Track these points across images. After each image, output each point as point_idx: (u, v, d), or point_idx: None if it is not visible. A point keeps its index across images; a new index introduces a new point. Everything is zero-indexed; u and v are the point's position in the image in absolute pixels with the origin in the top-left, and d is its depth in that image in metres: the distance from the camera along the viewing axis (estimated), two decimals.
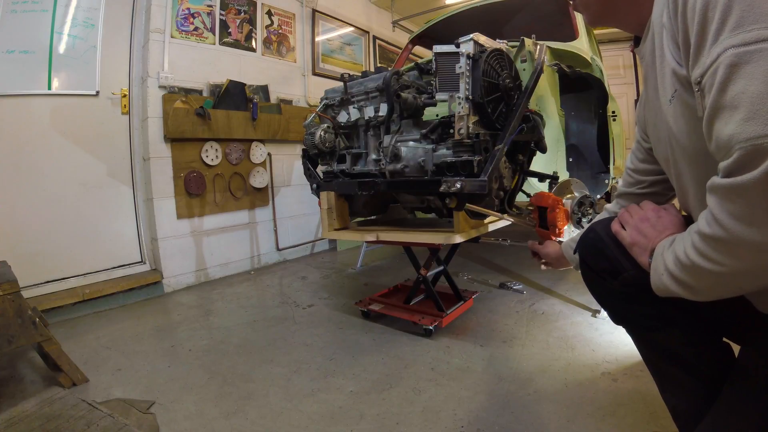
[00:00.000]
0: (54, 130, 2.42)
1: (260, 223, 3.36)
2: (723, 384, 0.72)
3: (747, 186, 0.45)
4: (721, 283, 0.54)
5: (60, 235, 2.43)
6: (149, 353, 1.80)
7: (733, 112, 0.46)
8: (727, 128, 0.46)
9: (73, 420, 1.24)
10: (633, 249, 0.72)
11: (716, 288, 0.55)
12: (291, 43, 3.65)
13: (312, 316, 2.17)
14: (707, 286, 0.56)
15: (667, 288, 0.61)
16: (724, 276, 0.52)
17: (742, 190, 0.46)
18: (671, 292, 0.61)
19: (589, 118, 2.89)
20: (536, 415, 1.24)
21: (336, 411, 1.32)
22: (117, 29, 2.65)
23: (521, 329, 1.85)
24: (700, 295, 0.57)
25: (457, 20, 2.91)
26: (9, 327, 1.38)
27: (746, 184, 0.45)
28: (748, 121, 0.45)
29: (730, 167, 0.46)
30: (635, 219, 0.73)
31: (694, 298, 0.58)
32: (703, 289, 0.57)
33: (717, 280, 0.53)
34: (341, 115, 1.89)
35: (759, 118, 0.44)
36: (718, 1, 0.47)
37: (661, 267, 0.62)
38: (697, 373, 0.77)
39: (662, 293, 0.63)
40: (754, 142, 0.44)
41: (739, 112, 0.45)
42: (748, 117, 0.44)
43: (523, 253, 3.10)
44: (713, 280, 0.54)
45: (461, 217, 1.63)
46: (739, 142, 0.45)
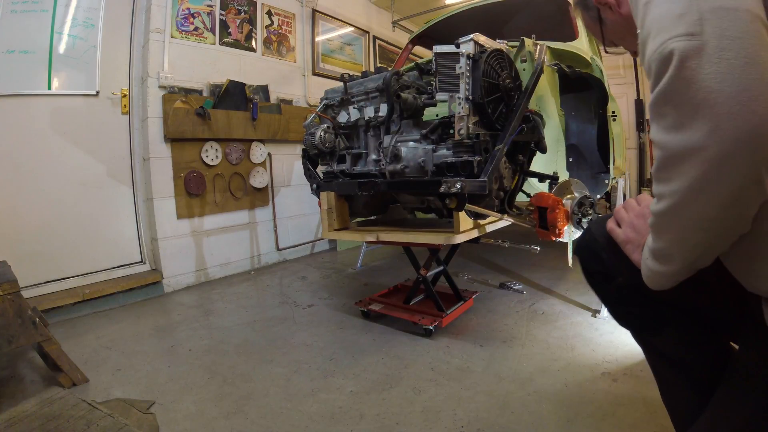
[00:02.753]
0: (54, 130, 2.42)
1: (260, 223, 3.36)
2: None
3: (665, 90, 0.46)
4: (684, 226, 0.51)
5: (60, 235, 2.43)
6: (149, 353, 1.80)
7: (648, 38, 0.49)
8: (644, 55, 0.49)
9: (73, 420, 1.24)
10: (626, 247, 0.70)
11: (686, 240, 0.52)
12: (291, 43, 3.65)
13: (312, 316, 2.17)
14: (676, 240, 0.53)
15: (650, 269, 0.59)
16: (683, 211, 0.49)
17: (662, 97, 0.47)
18: (656, 274, 0.59)
19: (589, 118, 2.89)
20: (536, 415, 1.24)
21: (336, 411, 1.32)
22: (117, 29, 2.65)
23: (521, 329, 1.85)
24: (679, 260, 0.55)
25: (457, 20, 2.90)
26: (9, 327, 1.38)
27: (663, 88, 0.46)
28: (655, 36, 0.48)
29: (653, 82, 0.48)
30: (630, 215, 0.71)
31: (674, 272, 0.56)
32: (677, 249, 0.54)
33: (679, 223, 0.51)
34: (341, 116, 1.89)
35: (664, 30, 0.47)
36: None
37: (646, 252, 0.60)
38: (694, 376, 0.77)
39: (651, 282, 0.61)
40: (660, 50, 0.46)
41: (651, 34, 0.48)
42: (656, 33, 0.48)
43: (523, 253, 3.10)
44: (676, 224, 0.51)
45: (461, 218, 1.64)
46: (651, 54, 0.47)
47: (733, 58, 0.42)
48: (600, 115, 2.69)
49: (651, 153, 4.93)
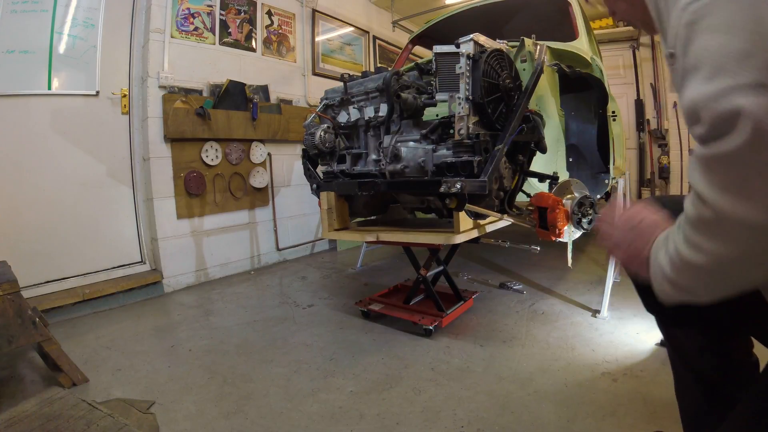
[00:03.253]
0: (54, 130, 2.42)
1: (260, 223, 3.36)
2: (734, 397, 0.70)
3: (733, 152, 0.38)
4: (719, 278, 0.46)
5: (60, 235, 2.42)
6: (149, 353, 1.80)
7: (696, 73, 0.40)
8: (689, 91, 0.41)
9: (73, 420, 1.24)
10: (630, 268, 0.63)
11: (717, 286, 0.48)
12: (291, 43, 3.65)
13: (312, 316, 2.17)
14: (706, 284, 0.48)
15: (673, 297, 0.53)
16: (720, 268, 0.44)
17: (726, 157, 0.39)
18: (679, 300, 0.53)
19: (589, 118, 2.89)
20: (536, 415, 1.24)
21: (336, 411, 1.32)
22: (117, 29, 2.65)
23: (521, 329, 1.85)
24: (704, 296, 0.50)
25: (457, 20, 2.90)
26: (9, 327, 1.38)
27: (731, 150, 0.38)
28: (711, 78, 0.39)
29: (706, 133, 0.40)
30: (618, 235, 0.63)
31: (701, 301, 0.51)
32: (705, 290, 0.49)
33: (714, 276, 0.46)
34: (341, 116, 1.89)
35: (723, 72, 0.38)
36: None
37: (659, 275, 0.54)
38: (705, 379, 0.76)
39: (671, 301, 0.55)
40: (721, 103, 0.38)
41: (701, 71, 0.40)
42: (712, 74, 0.39)
43: (523, 253, 3.10)
44: (709, 276, 0.46)
45: (461, 218, 1.64)
46: (705, 102, 0.39)
47: None
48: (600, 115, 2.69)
49: (651, 153, 4.93)
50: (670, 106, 4.74)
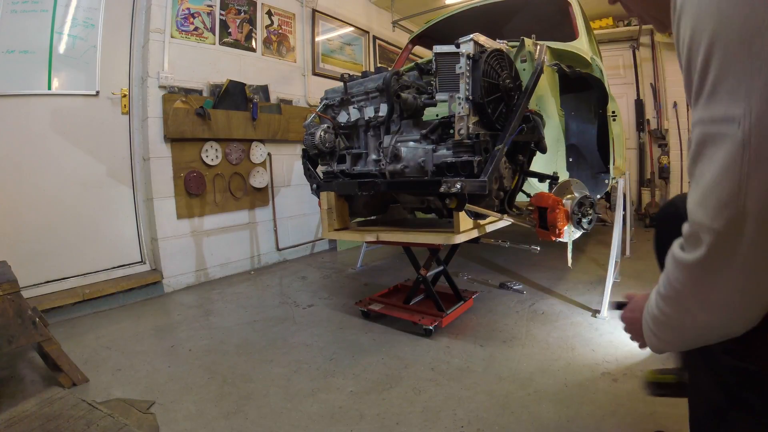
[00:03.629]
0: (54, 130, 2.42)
1: (260, 223, 3.36)
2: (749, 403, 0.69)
3: (687, 264, 0.49)
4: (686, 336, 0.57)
5: (60, 235, 2.42)
6: (149, 353, 1.80)
7: (694, 189, 0.48)
8: (689, 199, 0.49)
9: (73, 420, 1.24)
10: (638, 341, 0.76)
11: (674, 343, 0.61)
12: (291, 43, 3.65)
13: (312, 316, 2.17)
14: (668, 339, 0.60)
15: (658, 348, 0.64)
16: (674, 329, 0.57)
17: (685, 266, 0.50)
18: (664, 350, 0.65)
19: (589, 118, 2.89)
20: (536, 415, 1.24)
21: (336, 411, 1.32)
22: (117, 29, 2.65)
23: (521, 329, 1.85)
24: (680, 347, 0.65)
25: (457, 20, 2.90)
26: (9, 327, 1.38)
27: (686, 262, 0.49)
28: (699, 205, 0.47)
29: (684, 240, 0.51)
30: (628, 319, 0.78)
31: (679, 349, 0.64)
32: (668, 343, 0.61)
33: (671, 334, 0.58)
34: (341, 116, 1.89)
35: (707, 207, 0.46)
36: (698, 54, 0.45)
37: (647, 330, 0.65)
38: (723, 387, 0.75)
39: (659, 351, 0.67)
40: (698, 227, 0.47)
41: (696, 192, 0.48)
42: (700, 202, 0.47)
43: (523, 253, 3.10)
44: (669, 333, 0.58)
45: (461, 218, 1.64)
46: (692, 220, 0.49)
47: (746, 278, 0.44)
48: (600, 115, 2.69)
49: (651, 153, 4.93)
50: (670, 106, 4.74)
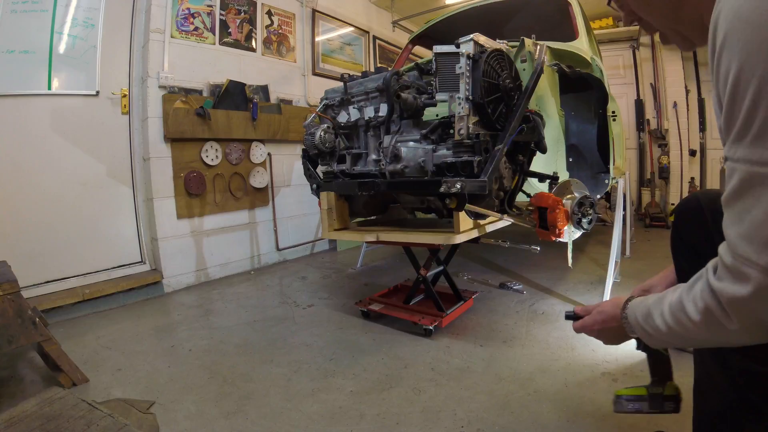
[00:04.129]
0: (54, 130, 2.42)
1: (260, 223, 3.36)
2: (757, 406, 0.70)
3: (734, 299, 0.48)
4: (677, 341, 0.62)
5: (60, 235, 2.42)
6: (149, 353, 1.80)
7: (737, 222, 0.48)
8: (730, 230, 0.49)
9: (73, 420, 1.24)
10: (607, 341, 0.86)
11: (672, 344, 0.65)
12: (291, 43, 3.65)
13: (312, 316, 2.17)
14: (666, 341, 0.64)
15: (656, 345, 0.70)
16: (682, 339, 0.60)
17: (725, 298, 0.50)
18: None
19: (589, 118, 2.89)
20: (536, 415, 1.24)
21: (336, 411, 1.32)
22: (117, 29, 2.65)
23: (521, 329, 1.85)
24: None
25: (457, 20, 2.90)
26: (9, 327, 1.38)
27: (729, 295, 0.49)
28: (744, 239, 0.47)
29: (721, 271, 0.50)
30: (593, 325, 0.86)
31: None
32: (665, 343, 0.66)
33: (674, 340, 0.62)
34: (341, 116, 1.89)
35: (754, 242, 0.46)
36: (745, 95, 0.44)
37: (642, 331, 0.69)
38: (733, 385, 0.76)
39: (657, 346, 0.73)
40: (743, 261, 0.47)
41: (740, 226, 0.47)
42: (746, 236, 0.47)
43: (523, 253, 3.10)
44: (672, 339, 0.62)
45: (461, 218, 1.64)
46: (734, 252, 0.48)
47: None
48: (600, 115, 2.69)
49: (651, 153, 4.93)
50: (670, 106, 4.74)
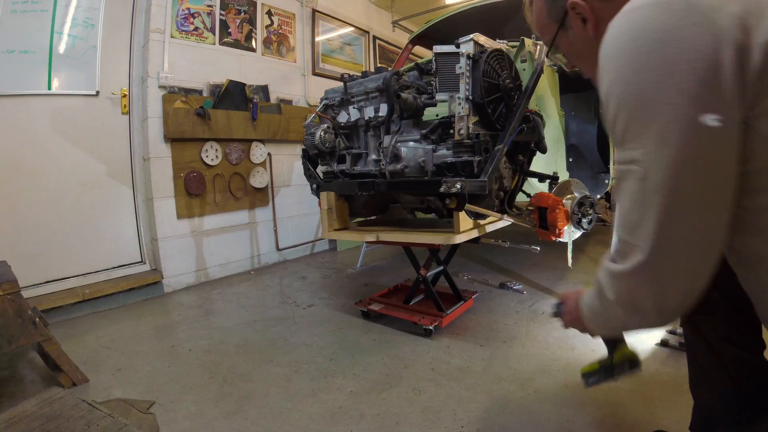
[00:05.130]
0: (54, 130, 2.42)
1: (260, 223, 3.36)
2: (748, 392, 0.72)
3: (618, 274, 0.59)
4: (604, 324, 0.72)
5: (60, 235, 2.42)
6: (149, 353, 1.80)
7: (617, 214, 0.59)
8: (615, 221, 0.60)
9: (73, 420, 1.24)
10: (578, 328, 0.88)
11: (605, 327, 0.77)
12: (291, 43, 3.65)
13: (312, 316, 2.17)
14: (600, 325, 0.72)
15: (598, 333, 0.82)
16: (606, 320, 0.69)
17: (614, 275, 0.60)
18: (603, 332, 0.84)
19: (589, 118, 2.89)
20: (536, 415, 1.24)
21: (336, 411, 1.32)
22: (117, 29, 2.65)
23: (521, 329, 1.85)
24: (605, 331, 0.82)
25: (457, 20, 2.90)
26: (9, 327, 1.38)
27: (617, 272, 0.59)
28: (620, 226, 0.58)
29: (612, 255, 0.61)
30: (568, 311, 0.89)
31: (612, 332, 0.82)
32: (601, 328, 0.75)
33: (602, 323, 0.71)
34: (341, 116, 1.89)
35: (626, 227, 0.57)
36: (609, 112, 0.57)
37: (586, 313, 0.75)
38: (726, 373, 0.78)
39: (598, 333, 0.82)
40: (624, 244, 0.58)
41: (618, 217, 0.59)
42: (621, 224, 0.58)
43: (523, 253, 3.10)
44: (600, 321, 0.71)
45: (461, 218, 1.64)
46: (618, 238, 0.59)
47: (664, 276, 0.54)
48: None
49: None
50: None
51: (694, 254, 0.52)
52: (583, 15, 0.70)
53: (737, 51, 0.46)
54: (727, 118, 0.48)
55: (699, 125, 0.48)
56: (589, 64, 0.75)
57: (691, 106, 0.48)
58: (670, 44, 0.49)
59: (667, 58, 0.49)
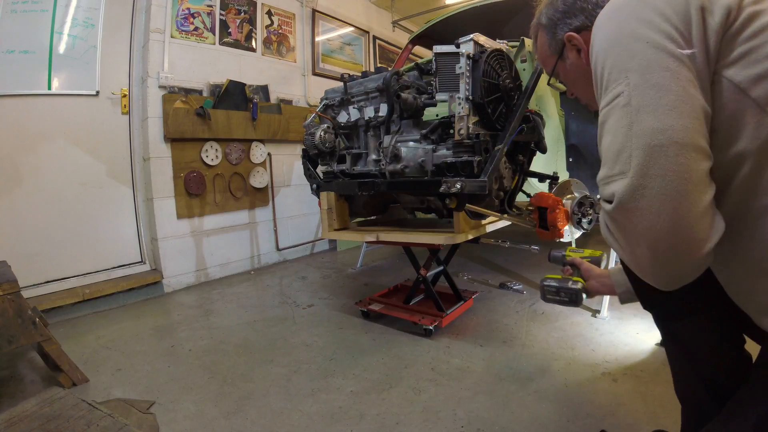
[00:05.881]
0: (54, 130, 2.42)
1: (260, 223, 3.36)
2: (732, 390, 0.72)
3: (608, 213, 0.60)
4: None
5: (60, 235, 2.42)
6: (149, 353, 1.80)
7: (602, 161, 0.61)
8: (599, 173, 0.62)
9: (73, 420, 1.24)
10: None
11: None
12: (291, 43, 3.65)
13: (312, 316, 2.17)
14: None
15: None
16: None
17: (606, 215, 0.61)
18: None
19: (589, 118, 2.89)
20: (536, 415, 1.24)
21: (336, 411, 1.32)
22: (117, 29, 2.65)
23: (521, 329, 1.85)
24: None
25: (457, 20, 2.90)
26: (9, 327, 1.38)
27: (608, 212, 0.60)
28: (603, 165, 0.60)
29: (601, 196, 0.62)
30: None
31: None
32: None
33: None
34: (341, 116, 1.89)
35: (606, 163, 0.59)
36: (598, 64, 0.62)
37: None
38: (705, 373, 0.78)
39: None
40: (604, 187, 0.59)
41: (602, 160, 0.61)
42: (603, 163, 0.60)
43: (523, 253, 3.10)
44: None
45: (461, 218, 1.64)
46: (600, 181, 0.61)
47: (652, 195, 0.53)
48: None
49: None
50: None
51: (681, 169, 0.52)
52: (578, 46, 0.80)
53: (701, 10, 0.55)
54: (697, 51, 0.55)
55: (675, 52, 0.55)
56: (584, 89, 0.85)
57: (667, 40, 0.55)
58: (647, 4, 0.58)
59: (645, 13, 0.58)
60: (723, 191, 0.57)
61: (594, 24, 0.66)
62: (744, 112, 0.55)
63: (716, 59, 0.56)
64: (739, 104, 0.55)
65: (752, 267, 0.58)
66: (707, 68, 0.56)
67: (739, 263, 0.60)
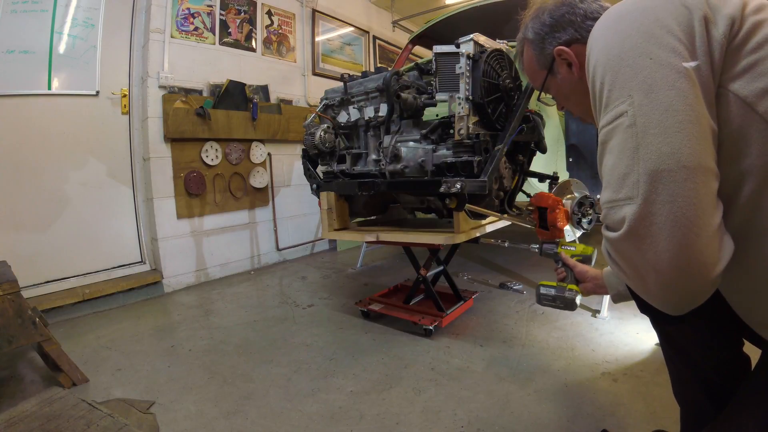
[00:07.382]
0: (54, 130, 2.42)
1: (260, 223, 3.36)
2: (730, 391, 0.72)
3: (618, 240, 0.57)
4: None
5: (60, 235, 2.42)
6: (149, 353, 1.80)
7: (603, 187, 0.59)
8: (601, 197, 0.60)
9: (73, 420, 1.24)
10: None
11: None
12: (291, 43, 3.65)
13: (312, 316, 2.17)
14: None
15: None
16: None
17: (611, 243, 0.59)
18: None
19: None
20: (536, 415, 1.24)
21: (336, 411, 1.32)
22: (117, 29, 2.65)
23: (521, 329, 1.85)
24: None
25: (457, 20, 2.90)
26: (9, 327, 1.38)
27: (618, 239, 0.57)
28: (605, 190, 0.58)
29: (607, 227, 0.59)
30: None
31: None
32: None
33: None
34: (341, 116, 1.89)
35: (610, 185, 0.57)
36: (597, 80, 0.60)
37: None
38: (703, 375, 0.78)
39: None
40: (614, 211, 0.56)
41: (604, 181, 0.59)
42: (606, 186, 0.58)
43: (523, 253, 3.10)
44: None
45: (461, 218, 1.64)
46: (604, 204, 0.58)
47: (661, 222, 0.51)
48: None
49: None
50: None
51: (690, 194, 0.50)
52: (568, 60, 0.78)
53: (705, 21, 0.54)
54: (702, 63, 0.54)
55: (680, 68, 0.53)
56: (576, 103, 0.84)
57: (672, 55, 0.53)
58: (648, 15, 0.56)
59: (647, 25, 0.56)
60: (728, 208, 0.55)
61: (590, 35, 0.64)
62: (750, 127, 0.53)
63: (721, 71, 0.54)
64: (745, 119, 0.54)
65: (757, 283, 0.58)
66: (712, 81, 0.54)
67: (743, 279, 0.59)
